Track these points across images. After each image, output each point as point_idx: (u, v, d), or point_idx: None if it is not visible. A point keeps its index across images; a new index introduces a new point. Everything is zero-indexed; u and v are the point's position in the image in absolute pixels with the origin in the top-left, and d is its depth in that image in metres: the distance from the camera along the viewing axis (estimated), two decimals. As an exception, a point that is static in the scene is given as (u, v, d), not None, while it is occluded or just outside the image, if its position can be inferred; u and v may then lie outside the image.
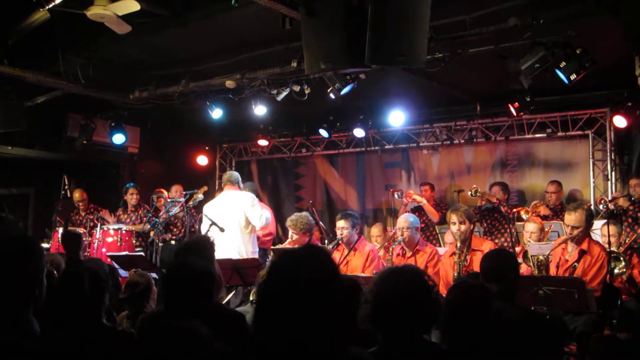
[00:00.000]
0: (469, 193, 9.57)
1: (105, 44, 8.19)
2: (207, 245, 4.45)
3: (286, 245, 7.85)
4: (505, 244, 9.02)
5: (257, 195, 9.73)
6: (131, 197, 10.51)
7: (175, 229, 10.46)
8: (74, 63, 8.69)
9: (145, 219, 10.18)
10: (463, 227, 6.82)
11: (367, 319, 2.96)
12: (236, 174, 8.68)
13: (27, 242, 2.94)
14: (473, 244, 6.88)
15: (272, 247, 8.09)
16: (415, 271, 3.11)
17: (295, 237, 7.74)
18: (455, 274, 6.63)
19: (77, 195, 10.62)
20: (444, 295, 3.51)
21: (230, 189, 8.42)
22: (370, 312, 2.95)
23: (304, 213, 8.07)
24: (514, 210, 9.37)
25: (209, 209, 8.24)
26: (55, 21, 7.13)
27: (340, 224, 7.67)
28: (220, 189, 12.09)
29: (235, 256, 7.49)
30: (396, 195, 10.47)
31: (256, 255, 8.04)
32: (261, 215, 8.15)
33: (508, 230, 9.68)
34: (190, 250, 4.34)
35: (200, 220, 8.46)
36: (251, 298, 5.49)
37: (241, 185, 8.64)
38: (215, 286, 4.04)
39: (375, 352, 2.83)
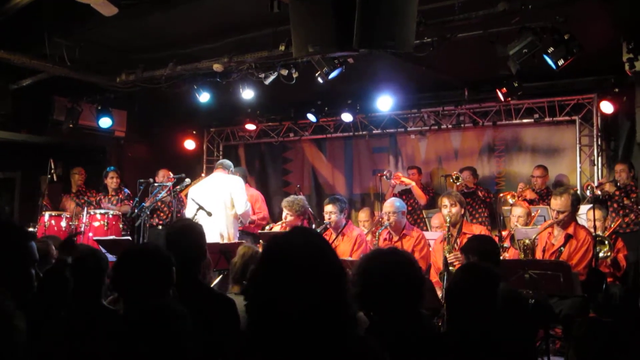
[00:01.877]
0: (450, 179, 9.64)
1: (92, 26, 8.11)
2: (195, 230, 4.40)
3: (278, 226, 7.89)
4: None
5: (246, 180, 9.75)
6: (111, 181, 10.46)
7: (162, 214, 10.44)
8: (60, 45, 8.61)
9: (127, 202, 10.16)
10: (454, 209, 6.90)
11: (355, 300, 2.96)
12: (229, 162, 8.73)
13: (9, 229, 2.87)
14: (464, 228, 6.95)
15: (259, 231, 8.09)
16: (398, 251, 3.13)
17: (289, 218, 7.81)
18: (445, 254, 6.64)
19: (77, 175, 10.66)
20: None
21: (220, 172, 8.45)
22: (358, 292, 2.97)
23: (301, 196, 8.19)
24: (500, 195, 9.44)
25: (196, 189, 8.24)
26: (41, 2, 7.07)
27: (329, 208, 7.69)
28: (208, 174, 12.16)
29: (217, 237, 7.53)
30: (385, 177, 10.49)
31: (237, 238, 8.09)
32: (246, 202, 8.19)
33: (483, 214, 9.77)
34: (179, 235, 4.29)
35: (185, 205, 8.47)
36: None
37: (232, 172, 8.68)
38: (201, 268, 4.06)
39: (367, 331, 2.86)
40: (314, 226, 8.69)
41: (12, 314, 1.99)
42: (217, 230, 7.79)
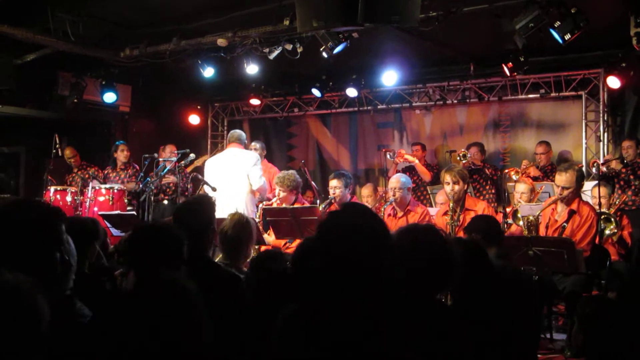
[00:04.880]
0: (457, 157, 9.60)
1: (95, 0, 8.08)
2: (205, 204, 4.39)
3: (274, 203, 7.85)
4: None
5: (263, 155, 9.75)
6: (122, 154, 10.44)
7: (167, 189, 10.46)
8: (64, 20, 8.58)
9: (135, 177, 10.18)
10: (457, 187, 6.77)
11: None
12: (243, 134, 8.57)
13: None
14: (467, 204, 6.85)
15: (263, 207, 8.07)
16: (434, 229, 3.11)
17: (282, 194, 7.73)
18: (447, 234, 6.63)
19: (67, 152, 10.59)
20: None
21: (236, 147, 8.34)
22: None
23: (291, 171, 8.07)
24: (505, 171, 9.41)
25: (211, 164, 8.16)
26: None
27: (333, 183, 7.67)
28: (216, 148, 12.18)
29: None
30: (388, 156, 10.45)
31: (255, 215, 8.05)
32: (261, 177, 8.12)
33: (490, 191, 9.75)
34: (188, 210, 4.29)
35: (193, 179, 8.46)
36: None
37: (245, 144, 8.58)
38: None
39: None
40: (318, 202, 8.69)
41: (36, 296, 1.94)
42: (234, 206, 7.75)
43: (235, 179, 7.90)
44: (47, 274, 2.59)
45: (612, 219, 7.32)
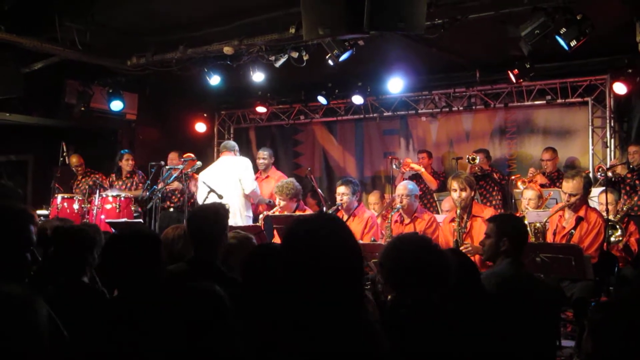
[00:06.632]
0: (467, 160, 9.59)
1: (102, 9, 8.12)
2: (220, 212, 4.40)
3: (276, 212, 7.89)
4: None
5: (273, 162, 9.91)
6: (126, 164, 10.52)
7: (174, 197, 10.48)
8: (71, 29, 8.61)
9: (141, 185, 10.21)
10: (464, 194, 6.72)
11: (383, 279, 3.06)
12: (233, 143, 8.85)
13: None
14: (474, 211, 6.80)
15: (268, 213, 8.12)
16: (426, 238, 3.18)
17: (282, 203, 7.80)
18: (455, 240, 6.61)
19: (74, 160, 10.64)
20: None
21: (227, 155, 8.54)
22: (384, 275, 3.04)
23: (290, 179, 8.19)
24: (512, 178, 9.40)
25: (206, 174, 8.32)
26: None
27: (341, 190, 7.68)
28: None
29: (233, 217, 7.61)
30: (394, 165, 10.44)
31: (250, 218, 8.21)
32: (253, 181, 8.29)
33: (497, 197, 9.74)
34: (202, 217, 4.32)
35: (196, 187, 8.55)
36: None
37: (237, 152, 8.77)
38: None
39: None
40: (324, 209, 8.70)
41: (33, 301, 1.91)
42: (232, 209, 7.85)
43: (228, 184, 8.12)
44: (19, 275, 2.60)
45: (618, 226, 7.30)
